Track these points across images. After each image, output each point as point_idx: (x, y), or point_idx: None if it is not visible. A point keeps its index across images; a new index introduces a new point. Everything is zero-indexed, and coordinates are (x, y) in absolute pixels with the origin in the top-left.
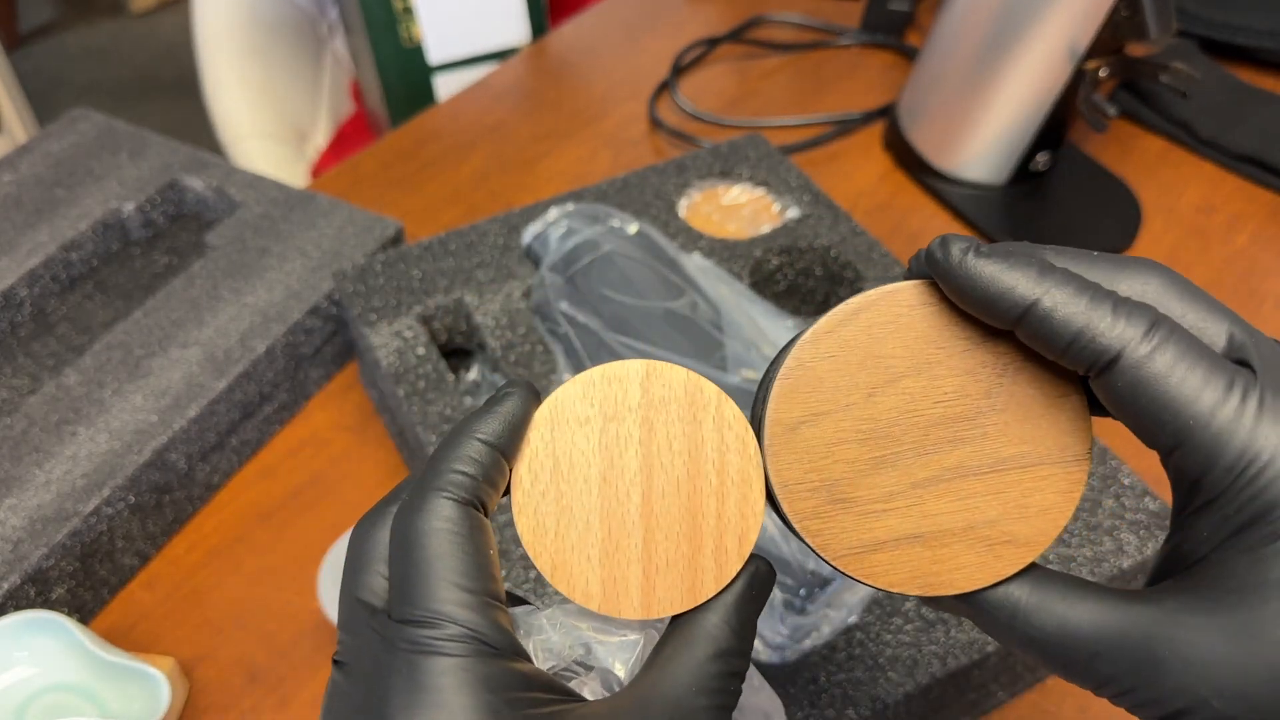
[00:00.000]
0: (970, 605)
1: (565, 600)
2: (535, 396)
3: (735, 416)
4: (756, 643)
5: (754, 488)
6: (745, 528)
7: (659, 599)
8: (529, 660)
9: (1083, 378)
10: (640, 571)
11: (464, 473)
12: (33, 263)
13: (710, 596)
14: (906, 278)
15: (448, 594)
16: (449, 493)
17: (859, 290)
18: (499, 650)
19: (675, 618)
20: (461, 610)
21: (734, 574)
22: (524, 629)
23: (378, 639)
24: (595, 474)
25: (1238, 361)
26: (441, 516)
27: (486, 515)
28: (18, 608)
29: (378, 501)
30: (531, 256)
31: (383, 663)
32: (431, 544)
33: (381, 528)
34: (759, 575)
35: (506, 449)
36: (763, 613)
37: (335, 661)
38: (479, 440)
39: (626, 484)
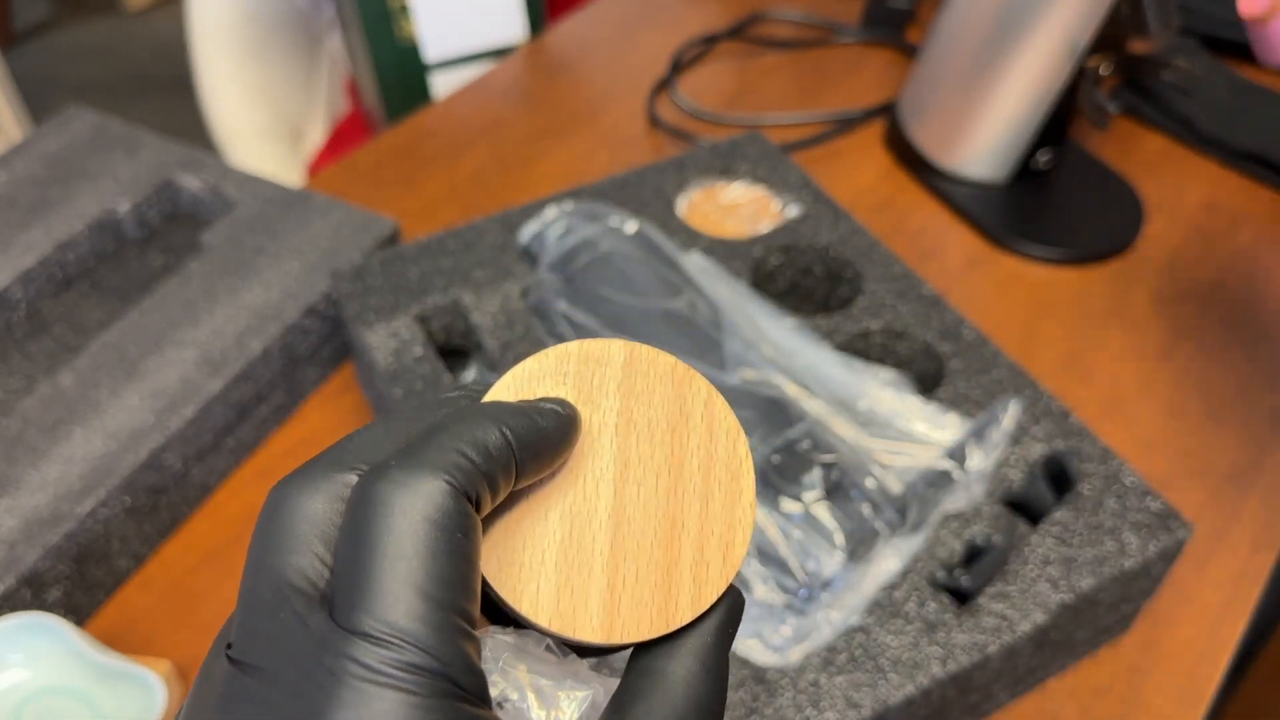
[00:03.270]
0: None
1: (506, 621)
2: (578, 426)
3: (726, 411)
4: (756, 643)
5: (744, 494)
6: (731, 539)
7: (624, 620)
8: (492, 709)
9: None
10: (605, 583)
11: (473, 460)
12: (27, 262)
13: (684, 623)
14: None
15: (417, 605)
16: (451, 476)
17: (859, 289)
18: (467, 696)
19: (636, 655)
20: (430, 631)
21: (715, 596)
22: None
23: (310, 645)
24: (560, 460)
25: None
26: (434, 503)
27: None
28: (12, 610)
29: (308, 462)
30: (529, 256)
31: (316, 681)
32: (413, 535)
33: (316, 497)
34: (737, 607)
35: (524, 464)
36: (763, 614)
37: (233, 659)
38: (503, 432)
39: (596, 475)
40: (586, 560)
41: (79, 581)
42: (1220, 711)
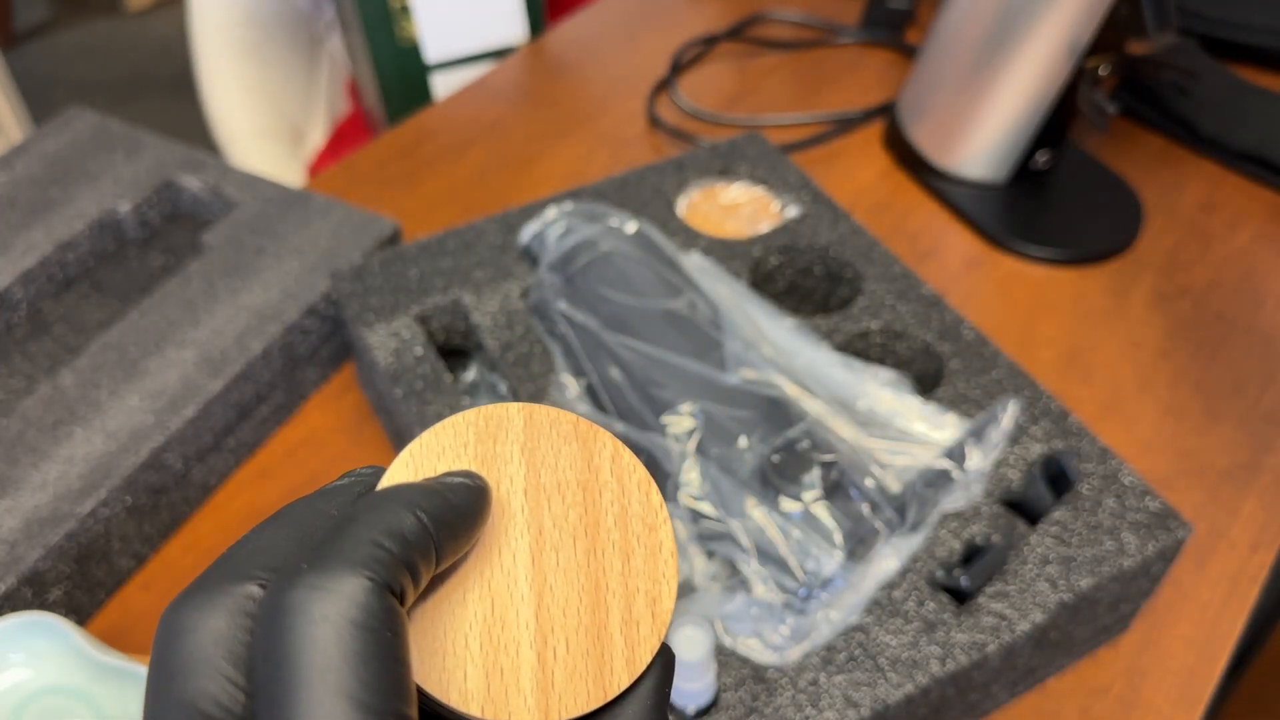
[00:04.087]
0: None
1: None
2: (488, 497)
3: (634, 463)
4: (756, 642)
5: (664, 544)
6: (657, 594)
7: (559, 695)
8: None
9: None
10: (534, 659)
11: (391, 551)
12: (28, 263)
13: (623, 688)
14: None
15: (354, 718)
16: (371, 572)
17: (859, 289)
18: None
19: None
20: None
21: (649, 655)
22: None
23: None
24: (476, 535)
25: None
26: (357, 604)
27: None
28: (14, 610)
29: (200, 577)
30: (529, 256)
31: None
32: (339, 642)
33: (216, 614)
34: (669, 664)
35: (442, 545)
36: (762, 613)
37: None
38: (417, 516)
39: (511, 547)
40: (512, 638)
41: (80, 581)
42: (1219, 710)
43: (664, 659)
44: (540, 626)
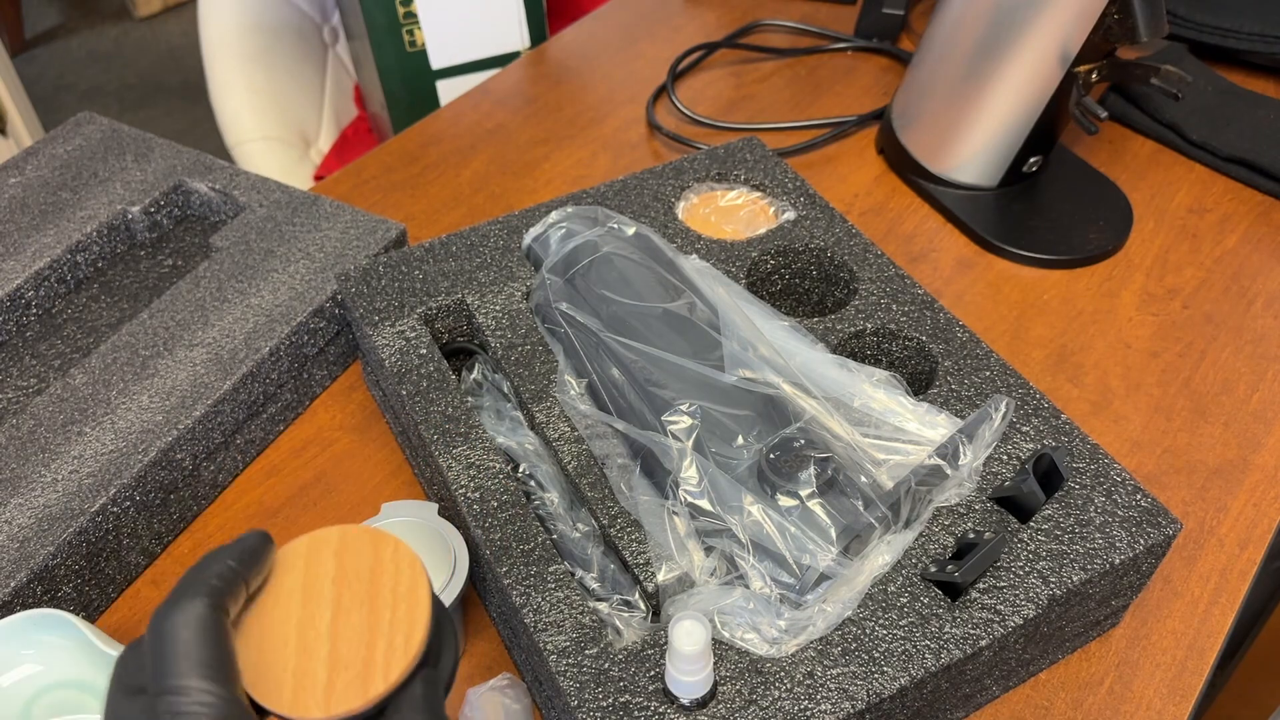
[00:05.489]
0: None
1: None
2: (271, 541)
3: (407, 550)
4: (753, 636)
5: (421, 601)
6: (411, 631)
7: (339, 697)
8: None
9: None
10: (326, 677)
11: (214, 583)
12: (39, 265)
13: (380, 693)
14: None
15: (198, 670)
16: (202, 596)
17: (853, 290)
18: (245, 716)
19: None
20: (208, 683)
21: (402, 669)
22: None
23: (141, 712)
24: (296, 602)
25: None
26: (194, 613)
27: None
28: (25, 606)
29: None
30: (531, 258)
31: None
32: (183, 635)
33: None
34: (432, 677)
35: (246, 572)
36: (759, 607)
37: None
38: (229, 563)
39: (322, 615)
40: (313, 667)
41: (91, 577)
42: (1208, 704)
43: (426, 679)
44: (332, 658)
